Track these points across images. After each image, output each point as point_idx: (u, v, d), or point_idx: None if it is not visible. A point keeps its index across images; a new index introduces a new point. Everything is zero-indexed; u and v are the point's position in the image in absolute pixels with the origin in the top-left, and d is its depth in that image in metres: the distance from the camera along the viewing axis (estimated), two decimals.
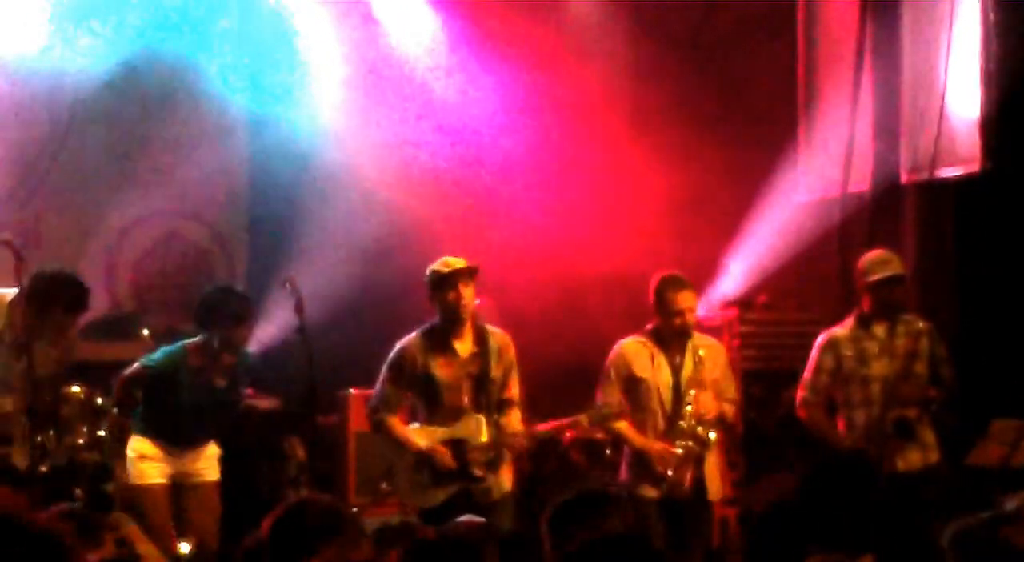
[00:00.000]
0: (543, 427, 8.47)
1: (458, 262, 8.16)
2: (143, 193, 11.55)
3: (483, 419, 8.14)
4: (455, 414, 8.15)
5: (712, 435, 8.27)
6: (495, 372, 8.19)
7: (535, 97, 11.39)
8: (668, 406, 8.28)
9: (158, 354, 8.39)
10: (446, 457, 8.06)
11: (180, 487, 8.33)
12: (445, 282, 8.11)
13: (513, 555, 4.63)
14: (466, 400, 8.16)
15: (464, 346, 8.19)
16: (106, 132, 11.43)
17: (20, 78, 10.96)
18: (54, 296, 8.44)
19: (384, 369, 8.28)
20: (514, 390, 8.30)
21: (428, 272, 8.19)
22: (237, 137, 11.95)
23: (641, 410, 8.32)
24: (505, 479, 8.23)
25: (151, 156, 11.57)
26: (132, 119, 11.45)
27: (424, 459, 8.09)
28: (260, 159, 11.95)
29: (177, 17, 11.22)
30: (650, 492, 8.18)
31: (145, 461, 8.28)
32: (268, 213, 11.89)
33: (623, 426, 8.33)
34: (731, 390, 8.56)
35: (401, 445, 8.21)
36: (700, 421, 8.23)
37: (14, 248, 8.05)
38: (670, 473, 8.17)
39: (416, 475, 8.14)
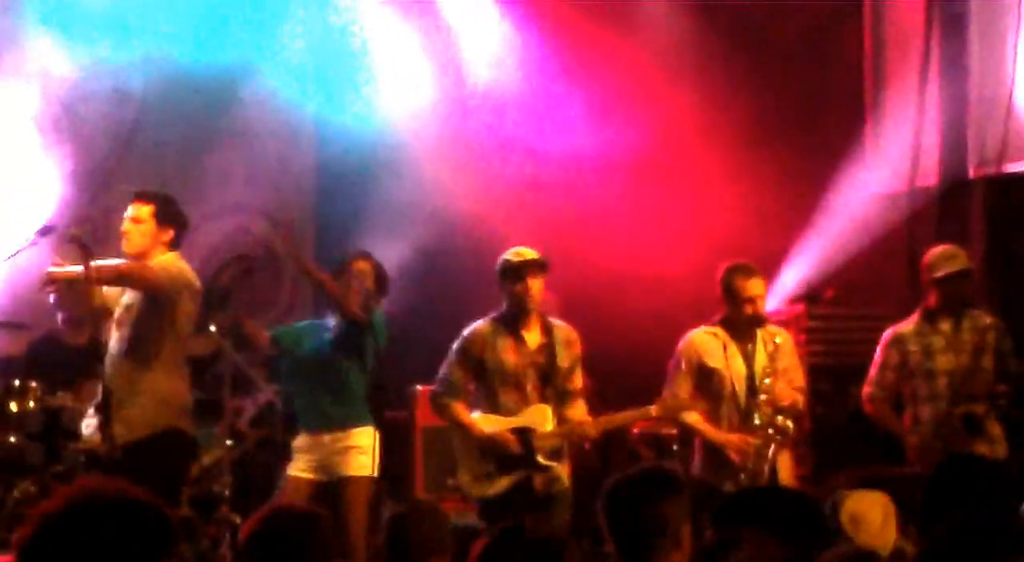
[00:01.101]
0: (611, 419, 8.39)
1: (529, 253, 8.17)
2: (210, 189, 11.60)
3: (548, 409, 8.13)
4: (519, 403, 8.12)
5: (790, 423, 8.21)
6: (562, 362, 8.17)
7: (603, 97, 11.39)
8: (742, 397, 8.21)
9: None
10: (512, 443, 8.04)
11: (329, 483, 8.42)
12: (514, 273, 8.12)
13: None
14: (531, 389, 8.15)
15: (532, 336, 8.18)
16: (173, 127, 11.49)
17: (90, 72, 11.08)
18: None
19: (451, 352, 8.27)
20: (578, 382, 8.27)
21: (500, 260, 8.22)
22: (304, 132, 12.03)
23: (714, 401, 8.26)
24: (564, 473, 8.18)
25: (218, 151, 11.64)
26: (200, 115, 11.50)
27: (490, 445, 8.07)
28: (327, 154, 12.03)
29: (243, 14, 11.31)
30: (726, 485, 8.09)
31: (296, 452, 8.53)
32: (335, 208, 11.93)
33: (696, 419, 8.26)
34: (799, 378, 8.47)
35: (465, 431, 8.18)
36: (777, 410, 8.18)
37: (80, 241, 7.88)
38: (749, 465, 8.11)
39: (481, 463, 8.11)
